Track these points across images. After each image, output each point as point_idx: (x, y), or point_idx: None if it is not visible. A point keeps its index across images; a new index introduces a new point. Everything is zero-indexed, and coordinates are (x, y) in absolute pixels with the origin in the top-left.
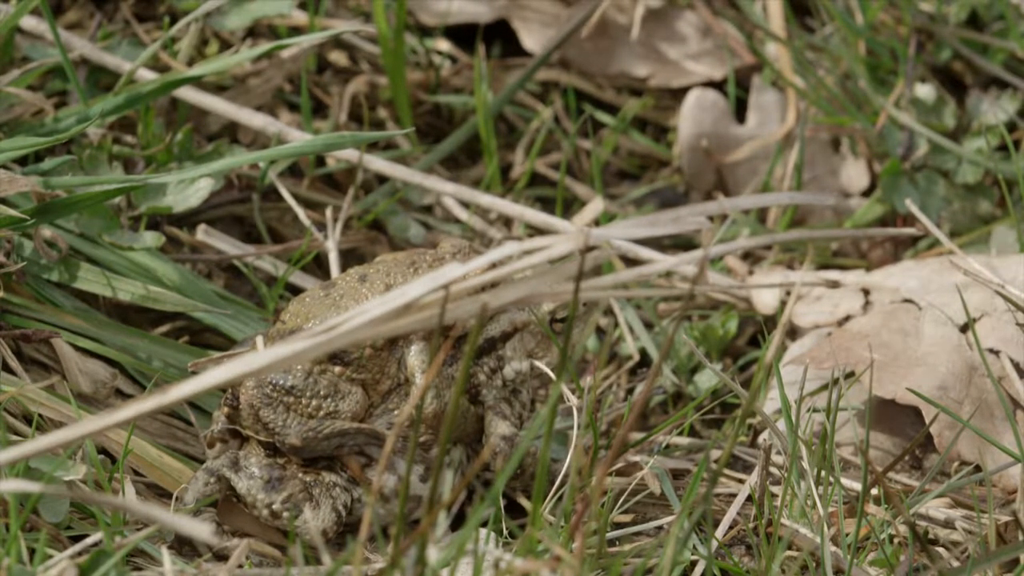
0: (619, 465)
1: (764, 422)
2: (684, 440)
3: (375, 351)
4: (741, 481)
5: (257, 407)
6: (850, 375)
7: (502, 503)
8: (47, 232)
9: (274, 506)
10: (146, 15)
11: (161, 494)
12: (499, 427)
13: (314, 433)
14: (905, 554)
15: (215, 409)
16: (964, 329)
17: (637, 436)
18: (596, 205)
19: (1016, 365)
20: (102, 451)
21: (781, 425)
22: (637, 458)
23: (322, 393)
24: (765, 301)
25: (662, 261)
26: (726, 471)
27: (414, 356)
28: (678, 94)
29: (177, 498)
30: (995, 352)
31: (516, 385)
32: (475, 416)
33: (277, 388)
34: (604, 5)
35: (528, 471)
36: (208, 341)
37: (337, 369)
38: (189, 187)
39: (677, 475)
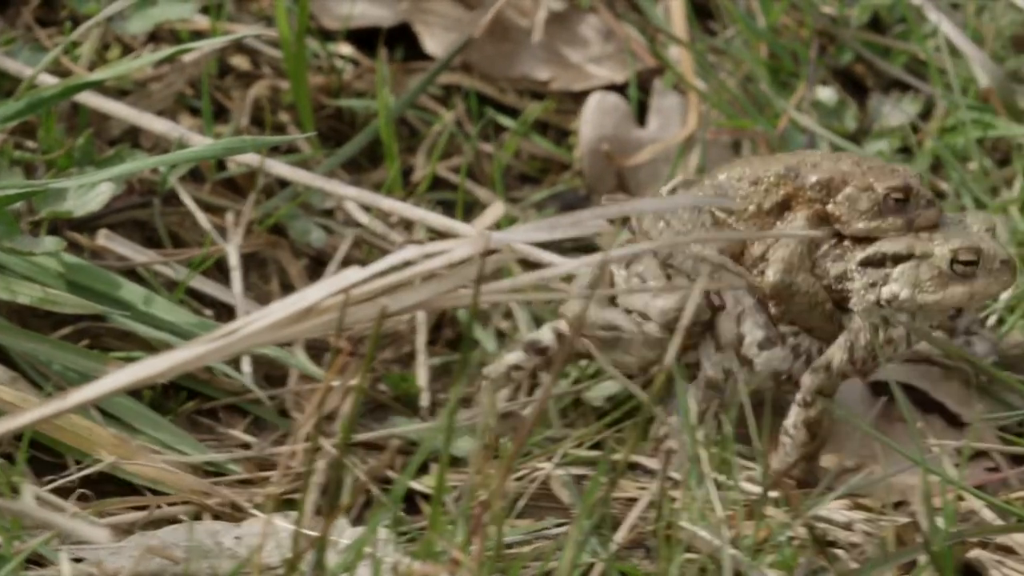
0: (523, 472)
1: (666, 426)
2: (586, 452)
3: (759, 211)
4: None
5: (642, 217)
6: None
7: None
8: None
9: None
10: (48, 19)
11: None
12: (835, 353)
13: (681, 247)
14: (804, 556)
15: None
16: None
17: (542, 440)
18: (496, 208)
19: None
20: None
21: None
22: (541, 464)
23: (699, 223)
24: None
25: (562, 264)
26: (633, 477)
27: (790, 228)
28: (579, 97)
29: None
30: None
31: (889, 312)
32: (828, 314)
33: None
34: (499, 4)
35: None
36: (110, 345)
37: (721, 215)
38: (90, 192)
39: (581, 480)
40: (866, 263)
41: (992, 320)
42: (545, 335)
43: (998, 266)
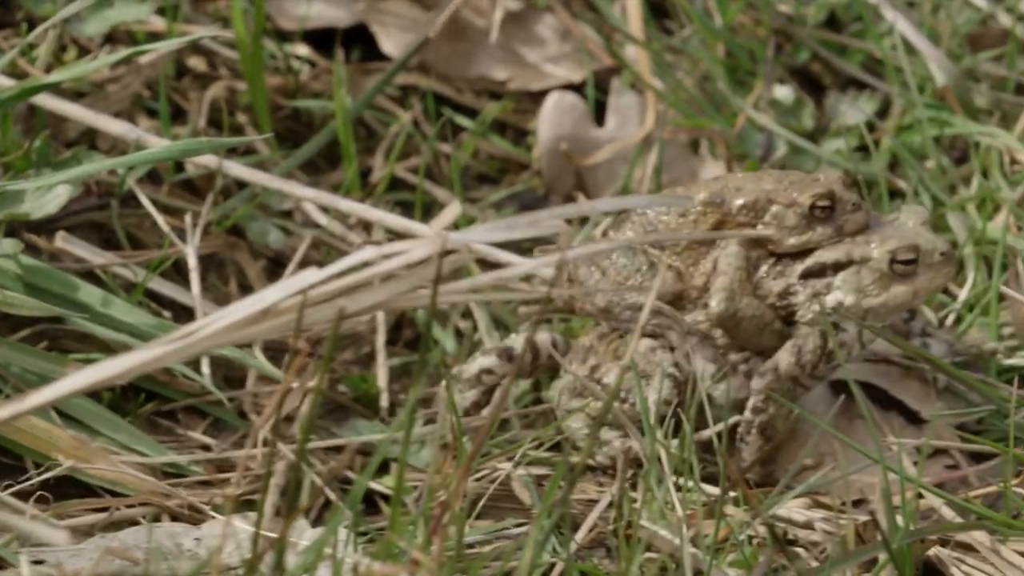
0: (484, 473)
1: (624, 426)
2: (546, 452)
3: (691, 242)
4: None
5: (577, 265)
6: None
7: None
8: None
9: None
10: (3, 21)
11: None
12: (783, 356)
13: (619, 299)
14: (764, 555)
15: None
16: None
17: (502, 441)
18: (454, 209)
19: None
20: None
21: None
22: (502, 465)
23: (635, 267)
24: None
25: (520, 264)
26: (593, 478)
27: (724, 257)
28: (537, 97)
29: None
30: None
31: (837, 319)
32: (777, 332)
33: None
34: (455, 4)
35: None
36: (69, 347)
37: (655, 251)
38: (47, 194)
39: (541, 481)
40: (807, 275)
41: (950, 319)
42: (518, 342)
43: (938, 259)
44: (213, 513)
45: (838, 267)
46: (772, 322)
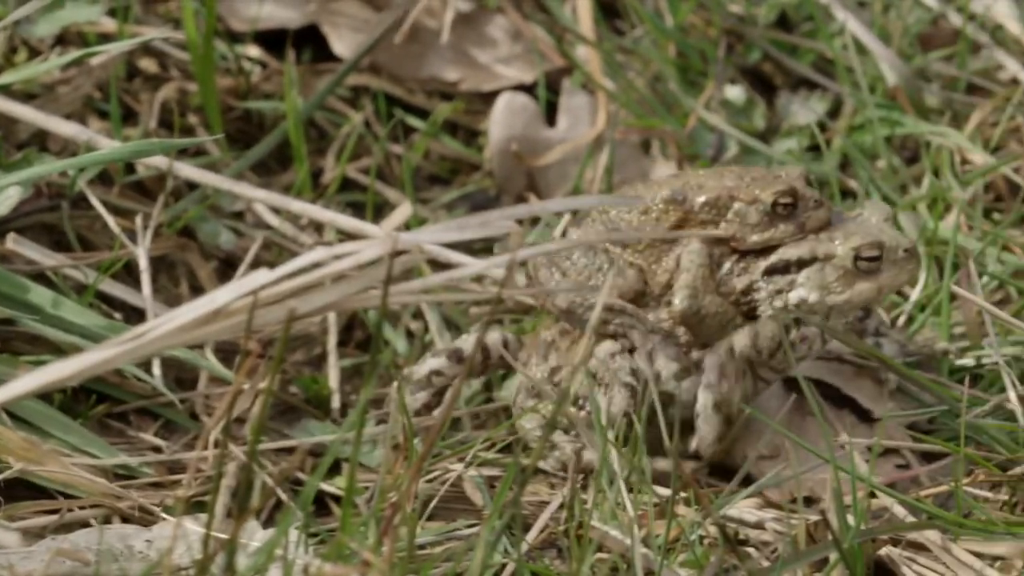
0: (436, 474)
1: (578, 425)
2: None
3: (654, 240)
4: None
5: (538, 266)
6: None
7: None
8: None
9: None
10: None
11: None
12: (733, 339)
13: (581, 300)
14: (715, 555)
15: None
16: None
17: (453, 442)
18: (404, 209)
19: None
20: None
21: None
22: (453, 466)
23: (596, 266)
24: None
25: (471, 265)
26: (545, 478)
27: (687, 254)
28: (488, 98)
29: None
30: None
31: (801, 315)
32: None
33: (558, 252)
34: (418, 9)
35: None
36: (19, 348)
37: (617, 249)
38: None
39: (493, 482)
40: (771, 271)
41: (902, 319)
42: (468, 343)
43: (902, 255)
44: (164, 515)
45: (802, 264)
46: (734, 319)
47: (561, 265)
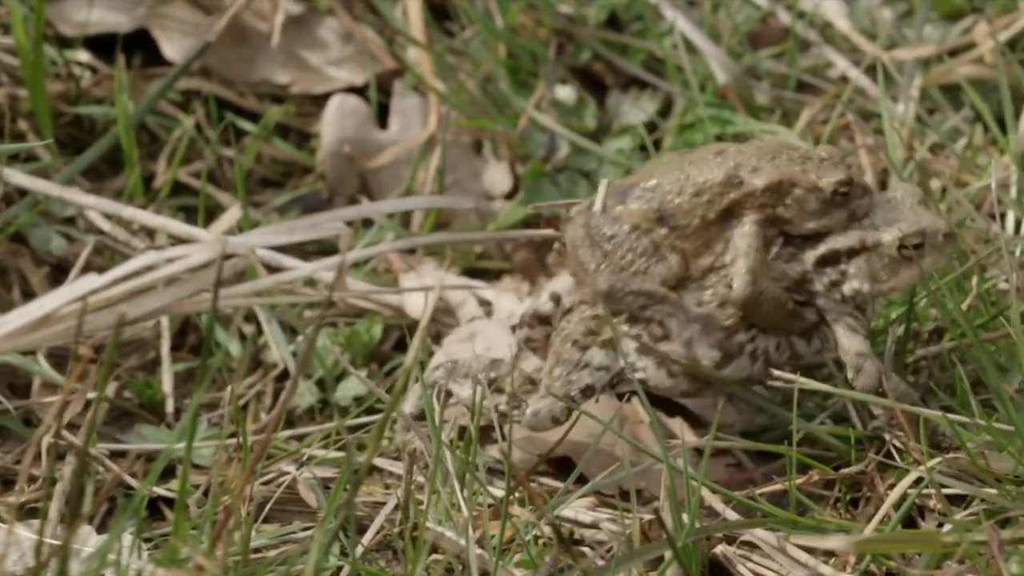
0: (271, 476)
1: (410, 426)
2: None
3: (704, 223)
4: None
5: (578, 246)
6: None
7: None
8: None
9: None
10: None
11: None
12: (854, 343)
13: (622, 284)
14: (549, 555)
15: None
16: None
17: (286, 444)
18: (234, 213)
19: None
20: None
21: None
22: (287, 468)
23: (639, 250)
24: (416, 305)
25: (301, 268)
26: (380, 479)
27: (741, 237)
28: (320, 100)
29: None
30: None
31: (858, 303)
32: (791, 312)
33: (600, 233)
34: (234, 9)
35: None
36: None
37: (662, 232)
38: None
39: (328, 483)
40: (823, 263)
41: None
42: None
43: (941, 240)
44: None
45: (851, 253)
46: (787, 302)
47: (603, 246)
